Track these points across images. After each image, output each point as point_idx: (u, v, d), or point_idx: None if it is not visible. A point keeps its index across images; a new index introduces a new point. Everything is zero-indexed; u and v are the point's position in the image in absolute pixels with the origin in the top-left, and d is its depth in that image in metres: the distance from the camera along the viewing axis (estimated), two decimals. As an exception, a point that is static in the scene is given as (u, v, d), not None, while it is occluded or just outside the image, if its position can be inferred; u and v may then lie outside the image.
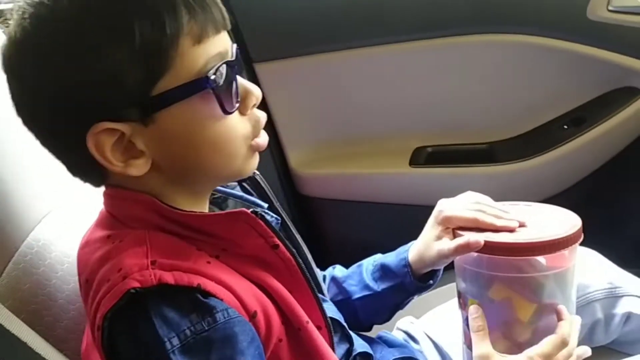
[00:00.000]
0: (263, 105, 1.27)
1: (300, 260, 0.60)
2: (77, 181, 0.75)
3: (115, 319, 0.51)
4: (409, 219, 1.28)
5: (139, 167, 0.56)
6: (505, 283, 0.65)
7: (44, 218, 0.71)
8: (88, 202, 0.67)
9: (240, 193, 0.71)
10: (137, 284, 0.50)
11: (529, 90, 1.22)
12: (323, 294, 0.75)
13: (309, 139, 1.32)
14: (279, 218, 0.69)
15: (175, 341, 0.49)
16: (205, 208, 0.63)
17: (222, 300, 0.52)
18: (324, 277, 0.84)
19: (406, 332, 0.88)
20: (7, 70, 0.55)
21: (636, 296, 0.81)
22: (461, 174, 1.25)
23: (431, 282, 0.76)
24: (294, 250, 0.63)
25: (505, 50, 1.17)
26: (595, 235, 0.93)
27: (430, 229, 0.73)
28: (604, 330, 0.81)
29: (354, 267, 0.83)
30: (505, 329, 0.65)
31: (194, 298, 0.51)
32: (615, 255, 0.88)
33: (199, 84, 0.54)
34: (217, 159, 0.58)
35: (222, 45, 0.57)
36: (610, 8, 1.09)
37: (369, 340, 0.78)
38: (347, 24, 1.22)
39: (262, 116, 0.61)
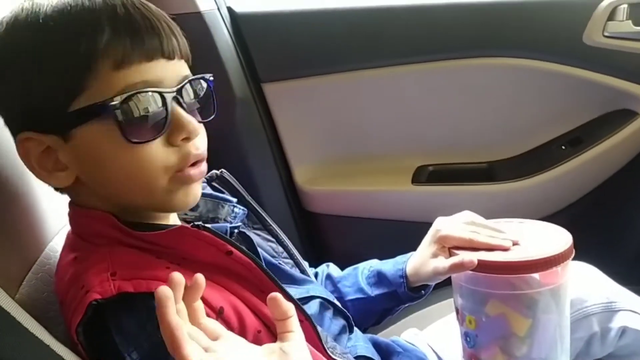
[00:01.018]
0: (270, 123, 1.31)
1: (259, 261, 0.61)
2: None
3: (85, 332, 0.53)
4: (411, 236, 1.30)
5: (60, 180, 0.59)
6: (500, 300, 0.66)
7: (61, 230, 0.74)
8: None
9: (210, 191, 0.73)
10: (97, 296, 0.52)
11: (528, 112, 1.24)
12: (307, 275, 0.77)
13: (314, 157, 1.35)
14: (245, 210, 0.72)
15: (135, 355, 0.52)
16: (168, 218, 0.64)
17: None
18: (316, 274, 0.85)
19: (410, 344, 0.90)
20: None
21: (632, 311, 0.82)
22: (462, 192, 1.27)
23: (422, 292, 0.79)
24: (271, 244, 0.65)
25: (504, 73, 1.20)
26: (592, 252, 0.95)
27: (427, 246, 0.75)
28: (600, 343, 0.82)
29: (350, 269, 0.86)
30: (502, 343, 0.67)
31: (150, 305, 0.50)
32: (611, 271, 0.89)
33: (101, 109, 0.54)
34: (131, 186, 0.58)
35: (153, 73, 0.56)
36: (605, 34, 1.12)
37: (384, 345, 0.80)
38: (352, 47, 1.25)
39: (194, 149, 0.59)
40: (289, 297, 0.61)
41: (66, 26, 0.55)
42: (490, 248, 0.67)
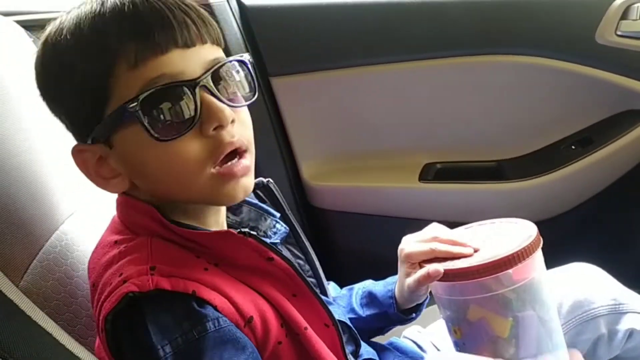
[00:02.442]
0: (278, 118, 1.31)
1: (306, 269, 0.62)
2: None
3: (115, 321, 0.53)
4: (416, 233, 1.31)
5: (117, 186, 0.61)
6: (477, 304, 0.66)
7: (67, 219, 0.74)
8: (109, 204, 0.70)
9: (255, 200, 0.73)
10: (135, 288, 0.52)
11: (538, 110, 1.23)
12: (327, 297, 0.77)
13: (321, 152, 1.35)
14: (287, 228, 0.72)
15: (168, 349, 0.52)
16: (210, 221, 0.64)
17: (216, 306, 0.54)
18: None
19: (413, 341, 0.89)
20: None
21: (639, 313, 0.82)
22: (469, 190, 1.27)
23: (413, 315, 0.79)
24: (300, 261, 0.65)
25: (515, 71, 1.19)
26: (600, 254, 0.95)
27: (400, 268, 0.75)
28: (607, 345, 0.82)
29: (346, 289, 0.85)
30: (490, 347, 0.66)
31: (188, 305, 0.53)
32: (619, 274, 0.89)
33: (123, 112, 0.54)
34: (172, 183, 0.58)
35: (171, 65, 0.55)
36: (618, 33, 1.11)
37: (380, 347, 0.79)
38: (362, 42, 1.24)
39: (229, 137, 0.57)
40: (321, 302, 0.63)
41: (81, 39, 0.56)
42: (453, 256, 0.68)
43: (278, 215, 0.72)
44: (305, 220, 1.36)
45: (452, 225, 1.27)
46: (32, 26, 0.94)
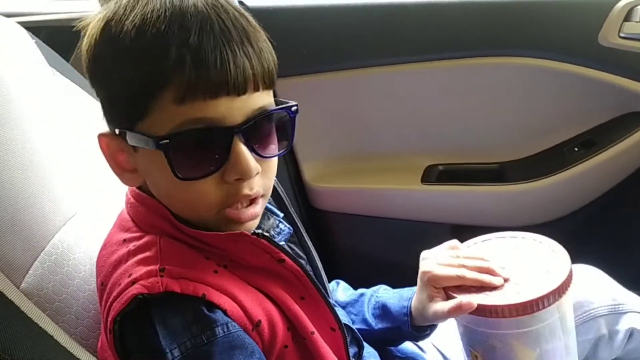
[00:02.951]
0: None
1: (308, 269, 0.62)
2: (101, 185, 0.79)
3: (124, 322, 0.53)
4: (419, 235, 1.31)
5: (130, 180, 0.61)
6: (507, 337, 0.64)
7: (69, 220, 0.74)
8: (112, 205, 0.70)
9: None
10: (144, 290, 0.52)
11: (540, 112, 1.23)
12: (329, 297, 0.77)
13: (323, 154, 1.34)
14: (291, 228, 0.71)
15: (177, 352, 0.51)
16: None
17: (225, 310, 0.54)
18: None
19: (415, 344, 0.89)
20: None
21: (639, 313, 0.82)
22: (472, 192, 1.26)
23: (427, 332, 0.76)
24: (302, 261, 0.65)
25: (517, 72, 1.19)
26: (602, 256, 0.94)
27: (422, 289, 0.71)
28: (608, 346, 0.81)
29: (356, 294, 0.83)
30: None
31: (197, 309, 0.53)
32: (620, 276, 0.88)
33: (154, 143, 0.53)
34: (185, 210, 0.58)
35: (216, 111, 0.53)
36: (621, 34, 1.11)
37: (380, 348, 0.79)
38: (363, 44, 1.24)
39: (248, 189, 0.56)
40: (328, 304, 0.62)
41: (139, 50, 0.53)
42: (482, 285, 0.65)
43: (282, 215, 0.72)
44: (307, 222, 1.36)
45: (454, 228, 1.28)
46: (34, 27, 0.94)
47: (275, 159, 0.61)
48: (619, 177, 1.19)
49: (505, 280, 0.65)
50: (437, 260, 0.69)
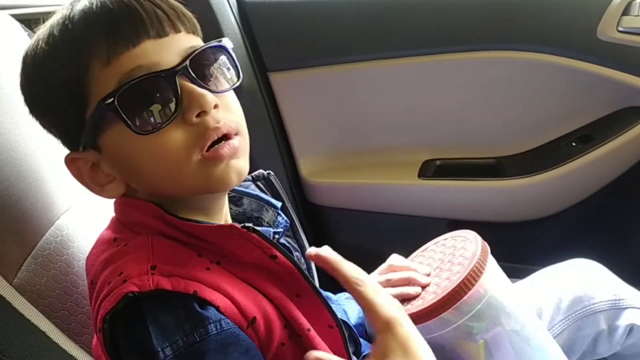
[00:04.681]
0: (276, 114, 1.30)
1: (301, 266, 0.61)
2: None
3: (114, 321, 0.52)
4: (416, 230, 1.30)
5: (112, 191, 0.60)
6: (447, 337, 0.65)
7: (63, 215, 0.74)
8: (106, 201, 0.70)
9: (256, 192, 0.72)
10: (135, 288, 0.51)
11: (538, 107, 1.22)
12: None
13: (320, 149, 1.34)
14: (288, 221, 0.71)
15: (169, 351, 0.50)
16: (214, 217, 0.63)
17: (218, 307, 0.53)
18: None
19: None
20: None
21: (639, 308, 0.81)
22: (469, 187, 1.26)
23: None
24: (294, 257, 0.64)
25: (515, 67, 1.18)
26: (600, 251, 0.94)
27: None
28: (607, 341, 0.82)
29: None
30: None
31: (189, 306, 0.52)
32: (619, 270, 0.89)
33: (103, 110, 0.54)
34: (163, 177, 0.57)
35: (145, 57, 0.54)
36: (620, 29, 1.10)
37: None
38: (361, 37, 1.23)
39: (213, 122, 0.56)
40: (324, 302, 0.62)
41: (54, 45, 0.56)
42: (402, 298, 0.67)
43: (279, 204, 0.71)
44: (303, 218, 1.35)
45: (451, 223, 1.27)
46: (27, 20, 0.93)
47: (233, 95, 0.61)
48: (617, 172, 1.19)
49: (427, 285, 0.68)
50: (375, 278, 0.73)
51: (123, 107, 0.53)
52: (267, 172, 0.74)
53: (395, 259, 0.77)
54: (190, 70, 0.55)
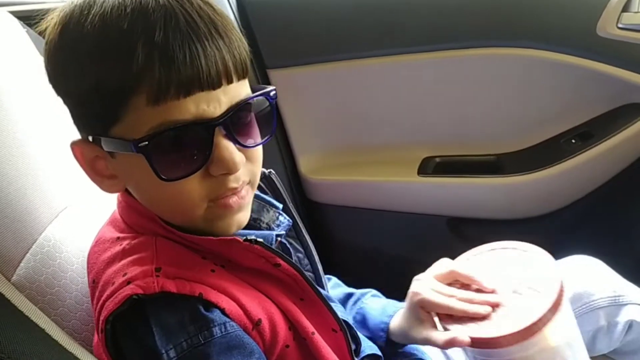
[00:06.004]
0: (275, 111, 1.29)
1: (305, 263, 0.61)
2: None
3: (117, 323, 0.52)
4: (415, 227, 1.30)
5: (111, 186, 0.58)
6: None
7: (62, 212, 0.73)
8: (105, 197, 0.69)
9: (257, 192, 0.71)
10: (139, 291, 0.51)
11: (538, 104, 1.22)
12: (325, 291, 0.76)
13: (319, 146, 1.34)
14: (290, 221, 0.70)
15: (172, 353, 0.50)
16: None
17: (223, 309, 0.53)
18: None
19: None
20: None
21: (639, 305, 0.81)
22: (468, 184, 1.26)
23: (401, 350, 0.76)
24: (300, 254, 0.64)
25: (514, 63, 1.18)
26: (600, 248, 0.94)
27: (410, 310, 0.71)
28: (607, 337, 0.82)
29: (344, 293, 0.83)
30: None
31: (194, 308, 0.52)
32: (619, 267, 0.88)
33: (132, 147, 0.51)
34: (171, 213, 0.57)
35: (191, 108, 0.51)
36: (619, 25, 1.10)
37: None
38: (360, 34, 1.23)
39: (233, 182, 0.55)
40: (328, 306, 0.62)
41: (104, 52, 0.50)
42: (468, 316, 0.64)
43: (281, 206, 0.71)
44: (303, 215, 1.35)
45: (450, 220, 1.27)
46: (26, 17, 0.93)
47: (260, 147, 0.59)
48: (617, 169, 1.19)
49: (496, 305, 0.65)
50: (430, 284, 0.69)
51: (155, 152, 0.51)
52: (268, 170, 0.73)
53: (454, 264, 0.71)
54: (230, 124, 0.53)
